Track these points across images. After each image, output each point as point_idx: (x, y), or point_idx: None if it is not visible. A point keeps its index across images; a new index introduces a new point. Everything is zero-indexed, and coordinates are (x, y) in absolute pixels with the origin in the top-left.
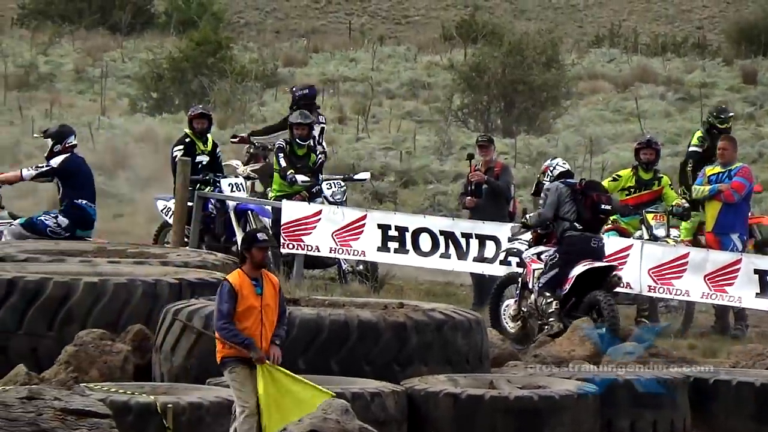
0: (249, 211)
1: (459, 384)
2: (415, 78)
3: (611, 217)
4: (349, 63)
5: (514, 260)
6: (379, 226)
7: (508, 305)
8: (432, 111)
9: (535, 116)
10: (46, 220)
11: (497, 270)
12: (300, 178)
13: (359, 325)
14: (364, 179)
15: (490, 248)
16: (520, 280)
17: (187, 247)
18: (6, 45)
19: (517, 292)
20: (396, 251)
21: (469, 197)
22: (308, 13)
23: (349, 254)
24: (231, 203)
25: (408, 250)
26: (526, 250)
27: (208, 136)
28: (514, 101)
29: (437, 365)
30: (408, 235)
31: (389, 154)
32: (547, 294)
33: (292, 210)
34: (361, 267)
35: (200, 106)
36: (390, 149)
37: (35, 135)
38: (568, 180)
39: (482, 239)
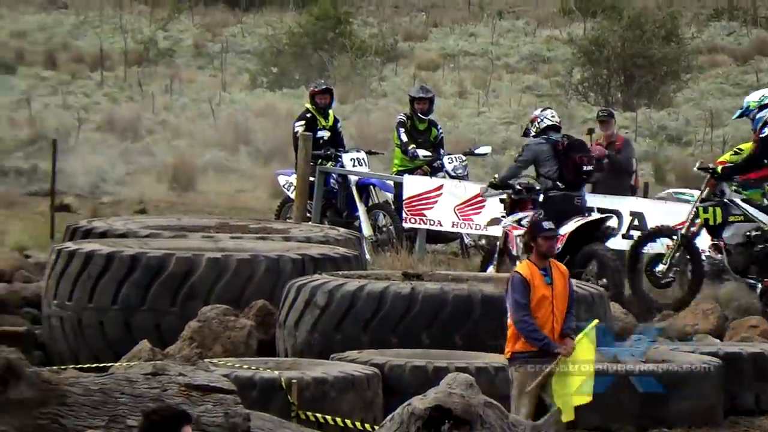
0: (371, 186)
1: None
2: (535, 52)
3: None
4: (469, 37)
5: (635, 233)
6: (501, 200)
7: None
8: (552, 85)
9: (655, 90)
10: None
11: (619, 243)
12: (421, 152)
13: (482, 299)
14: (485, 153)
15: (612, 222)
16: (498, 246)
17: (310, 222)
18: (125, 21)
19: (494, 260)
20: None
21: None
22: None
23: (471, 228)
24: (353, 178)
25: None
26: (503, 218)
27: (330, 111)
28: (634, 75)
29: None
30: None
31: (510, 128)
32: None
33: (413, 185)
34: (483, 241)
35: (323, 81)
36: (510, 123)
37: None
38: (551, 137)
39: (604, 213)
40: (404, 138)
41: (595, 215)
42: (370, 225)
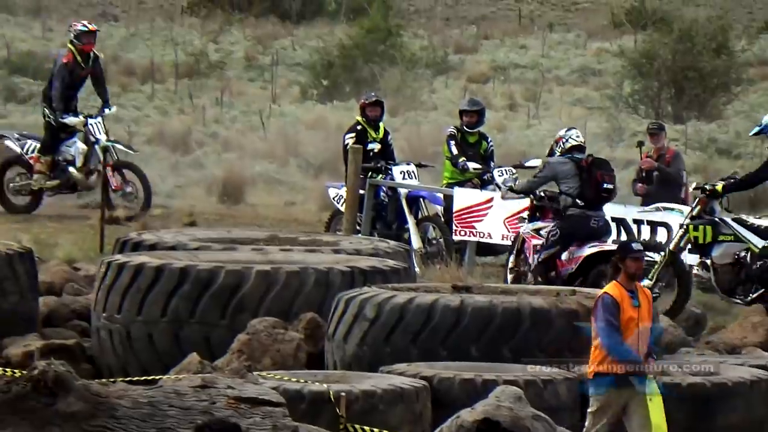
0: (421, 198)
1: None
2: (585, 65)
3: None
4: (519, 50)
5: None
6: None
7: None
8: (602, 98)
9: (706, 102)
10: None
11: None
12: (472, 165)
13: (531, 312)
14: (535, 166)
15: (661, 234)
16: (515, 247)
17: (359, 235)
18: (176, 33)
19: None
20: None
21: (640, 184)
22: (477, 0)
23: None
24: (403, 190)
25: None
26: (525, 224)
27: (380, 123)
28: (684, 88)
29: None
30: None
31: None
32: (539, 279)
33: (464, 197)
34: None
35: (373, 93)
36: None
37: None
38: (575, 155)
39: (653, 226)
40: (454, 151)
41: (611, 246)
42: (419, 237)
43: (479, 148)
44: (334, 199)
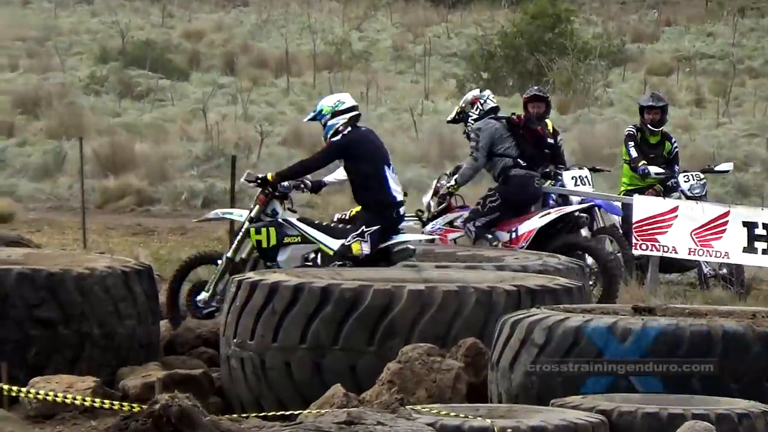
0: (596, 208)
1: None
2: None
3: None
4: (706, 38)
5: None
6: (744, 223)
7: None
8: None
9: None
10: None
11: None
12: (653, 169)
13: (724, 336)
14: (727, 171)
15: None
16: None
17: (525, 249)
18: (315, 19)
19: None
20: (764, 252)
21: None
22: None
23: (710, 256)
24: (575, 199)
25: None
26: (431, 223)
27: (547, 121)
28: None
29: None
30: None
31: (753, 142)
32: (489, 236)
33: (644, 206)
34: (724, 270)
35: (536, 87)
36: (754, 136)
37: None
38: (499, 115)
39: None
40: (633, 153)
41: (572, 207)
42: None
43: (662, 150)
44: None
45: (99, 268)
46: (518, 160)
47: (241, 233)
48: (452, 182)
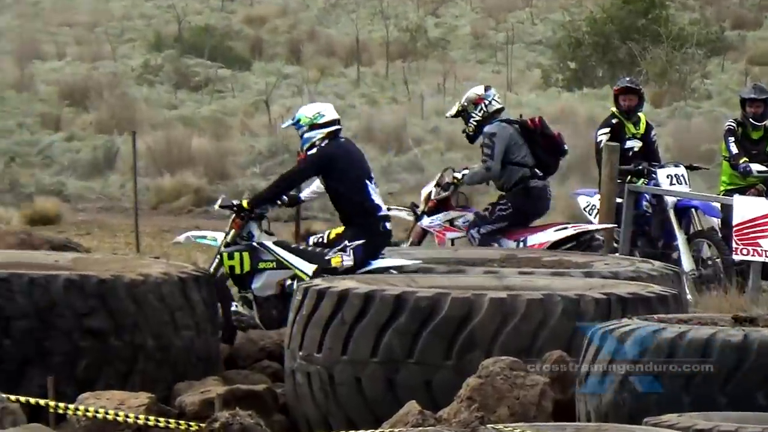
0: (692, 209)
1: None
2: None
3: None
4: None
5: None
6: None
7: None
8: None
9: None
10: None
11: None
12: (755, 167)
13: None
14: None
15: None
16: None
17: (617, 254)
18: (387, 4)
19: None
20: None
21: None
22: None
23: None
24: (670, 199)
25: None
26: (430, 218)
27: (640, 115)
28: None
29: None
30: None
31: None
32: (494, 245)
33: (745, 207)
34: None
35: (627, 78)
36: None
37: None
38: (511, 119)
39: None
40: (734, 149)
41: (592, 226)
42: (691, 257)
43: (765, 146)
44: (585, 209)
45: (153, 275)
46: (535, 170)
47: (216, 259)
48: (459, 175)
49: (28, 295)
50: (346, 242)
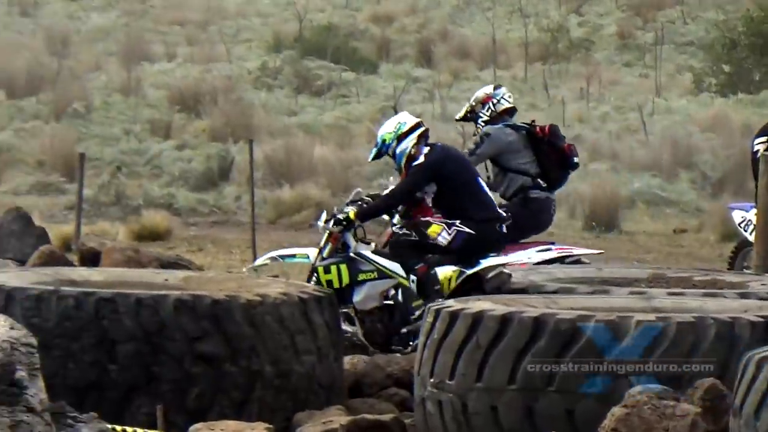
0: None
1: None
2: None
3: None
4: None
5: None
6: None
7: None
8: None
9: None
10: None
11: None
12: None
13: None
14: None
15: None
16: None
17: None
18: (526, 2)
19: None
20: None
21: None
22: None
23: None
24: None
25: None
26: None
27: None
28: None
29: None
30: None
31: None
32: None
33: None
34: None
35: None
36: None
37: None
38: (517, 123)
39: None
40: None
41: (580, 250)
42: None
43: None
44: (740, 225)
45: (272, 295)
46: (538, 180)
47: (313, 277)
48: None
49: (135, 317)
50: (457, 223)
